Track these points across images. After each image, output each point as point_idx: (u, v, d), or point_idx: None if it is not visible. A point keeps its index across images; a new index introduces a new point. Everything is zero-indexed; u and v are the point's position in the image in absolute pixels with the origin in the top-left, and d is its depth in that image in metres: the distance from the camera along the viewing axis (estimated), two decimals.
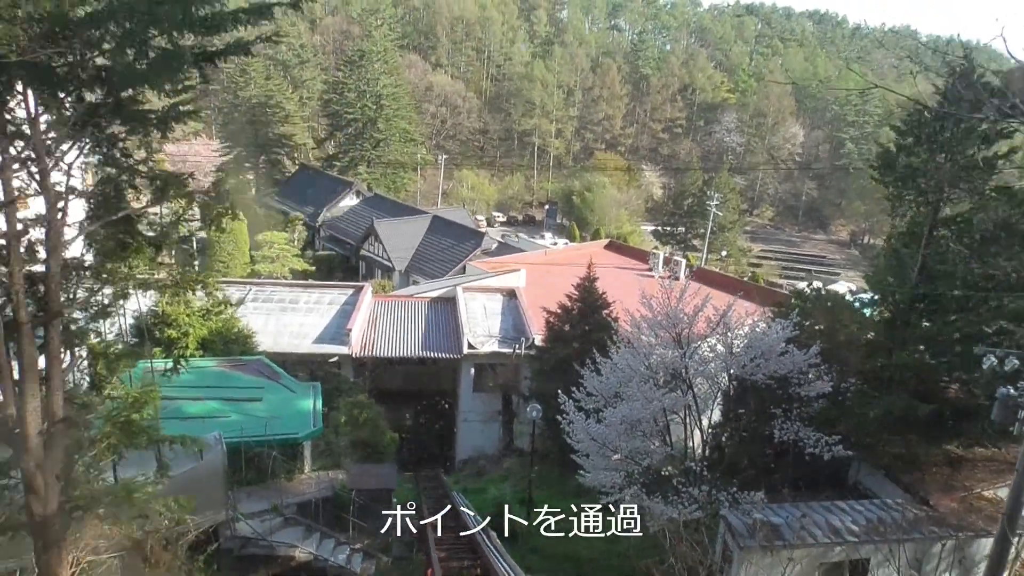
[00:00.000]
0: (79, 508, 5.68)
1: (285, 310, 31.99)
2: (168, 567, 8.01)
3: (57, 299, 5.15)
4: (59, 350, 5.32)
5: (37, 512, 5.34)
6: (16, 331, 5.00)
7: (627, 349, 18.59)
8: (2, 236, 4.93)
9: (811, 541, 15.91)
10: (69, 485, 5.54)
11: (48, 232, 5.12)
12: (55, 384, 5.30)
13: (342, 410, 22.32)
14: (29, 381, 5.11)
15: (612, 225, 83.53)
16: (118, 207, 5.83)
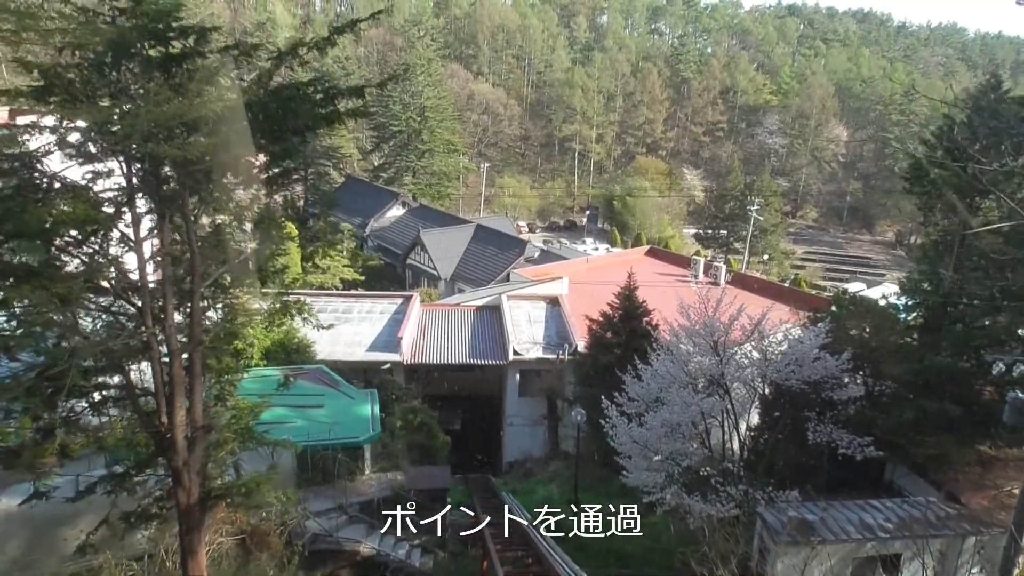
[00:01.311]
0: (215, 498, 7.05)
1: (339, 320, 33.61)
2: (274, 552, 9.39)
3: (199, 331, 6.52)
4: (201, 370, 6.70)
5: (182, 501, 6.71)
6: (169, 356, 6.39)
7: (667, 356, 19.57)
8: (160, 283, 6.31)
9: (844, 537, 16.71)
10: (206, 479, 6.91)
11: (192, 277, 6.49)
12: (197, 398, 6.66)
13: (397, 415, 23.71)
14: (178, 395, 6.47)
15: (654, 229, 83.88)
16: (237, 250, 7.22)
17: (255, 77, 6.63)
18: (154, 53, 5.73)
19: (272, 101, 5.99)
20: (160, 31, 5.76)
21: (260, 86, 6.46)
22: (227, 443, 7.55)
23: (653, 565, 17.87)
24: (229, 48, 6.05)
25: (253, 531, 9.48)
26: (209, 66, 6.11)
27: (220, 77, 6.26)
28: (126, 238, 6.25)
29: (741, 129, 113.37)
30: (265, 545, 9.55)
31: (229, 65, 6.30)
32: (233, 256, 7.32)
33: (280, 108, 6.03)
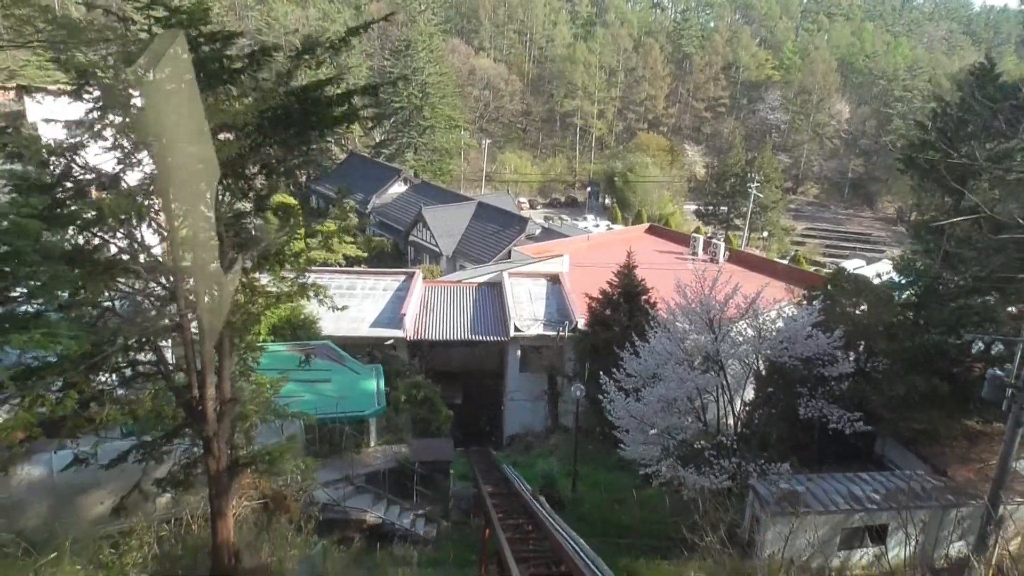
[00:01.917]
0: (241, 466, 7.64)
1: (343, 296, 34.11)
2: (292, 517, 10.06)
3: (228, 311, 7.06)
4: (229, 349, 7.24)
5: (212, 468, 7.28)
6: (200, 336, 6.93)
7: (664, 333, 20.15)
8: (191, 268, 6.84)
9: (832, 508, 17.43)
10: (234, 449, 7.49)
11: (222, 264, 7.01)
12: (225, 373, 7.21)
13: (401, 390, 24.34)
14: (208, 372, 7.02)
15: (654, 206, 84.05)
16: (259, 239, 7.73)
17: (276, 76, 7.09)
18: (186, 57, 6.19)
19: (294, 100, 6.46)
20: (192, 37, 6.22)
21: (281, 85, 6.93)
22: (250, 415, 8.14)
23: (649, 535, 18.58)
24: (255, 53, 6.51)
25: (274, 496, 10.15)
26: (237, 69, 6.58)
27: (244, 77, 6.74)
28: (160, 226, 6.77)
29: (743, 105, 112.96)
30: (284, 509, 10.22)
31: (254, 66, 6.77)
32: (254, 242, 7.84)
33: (301, 107, 6.51)
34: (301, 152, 6.93)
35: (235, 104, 5.97)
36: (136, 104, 6.54)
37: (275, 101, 5.75)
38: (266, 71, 7.05)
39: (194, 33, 6.29)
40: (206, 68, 6.47)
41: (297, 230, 8.45)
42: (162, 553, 8.23)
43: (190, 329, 6.89)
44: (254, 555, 8.45)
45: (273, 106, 5.74)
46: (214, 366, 7.07)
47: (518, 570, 9.21)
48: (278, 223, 8.46)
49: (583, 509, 20.74)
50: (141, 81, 6.48)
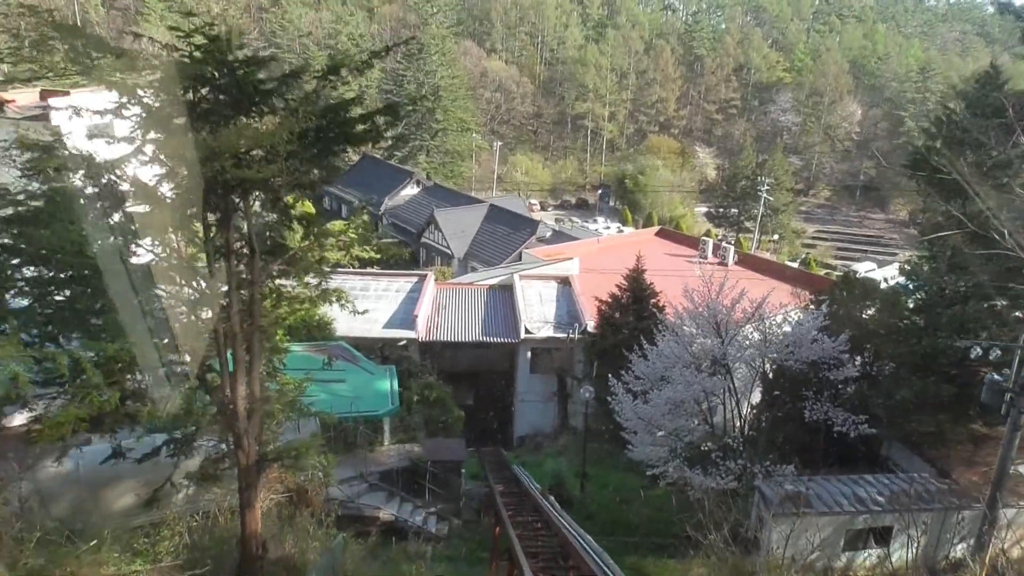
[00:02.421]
0: (269, 461, 8.11)
1: (356, 297, 34.44)
2: (314, 510, 10.57)
3: (258, 316, 7.53)
4: (258, 351, 7.72)
5: (242, 462, 7.76)
6: (232, 339, 7.42)
7: (672, 337, 20.53)
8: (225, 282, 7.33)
9: (837, 509, 17.73)
10: (261, 445, 7.96)
11: (252, 272, 7.49)
12: (254, 374, 7.68)
13: (414, 390, 24.84)
14: (239, 372, 7.50)
15: (665, 208, 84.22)
16: (285, 247, 8.22)
17: (303, 96, 7.57)
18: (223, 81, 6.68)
19: (321, 120, 6.92)
20: (228, 62, 6.70)
21: (309, 104, 7.42)
22: (276, 414, 8.63)
23: (656, 534, 18.96)
24: (285, 76, 6.99)
25: (298, 490, 10.67)
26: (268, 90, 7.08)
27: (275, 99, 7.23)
28: (196, 236, 7.25)
29: (754, 107, 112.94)
30: (307, 503, 10.73)
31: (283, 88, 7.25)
32: (280, 250, 8.33)
33: (328, 126, 6.97)
34: (324, 166, 7.40)
35: (268, 125, 6.42)
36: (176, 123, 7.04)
37: (307, 123, 6.19)
38: (295, 91, 7.51)
39: (230, 58, 6.77)
40: (241, 90, 6.95)
41: (320, 239, 8.93)
42: (192, 543, 8.73)
43: (223, 332, 7.37)
44: (278, 546, 8.94)
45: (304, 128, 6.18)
46: (245, 367, 7.55)
47: (528, 564, 9.64)
48: (302, 232, 8.95)
49: (591, 508, 21.16)
50: (181, 101, 6.97)
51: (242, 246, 7.49)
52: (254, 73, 7.01)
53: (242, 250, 7.57)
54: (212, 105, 7.04)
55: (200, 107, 7.02)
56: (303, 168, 7.09)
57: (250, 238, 7.30)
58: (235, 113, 7.19)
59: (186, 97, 6.88)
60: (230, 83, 6.88)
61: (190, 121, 7.01)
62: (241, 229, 7.34)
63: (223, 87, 6.95)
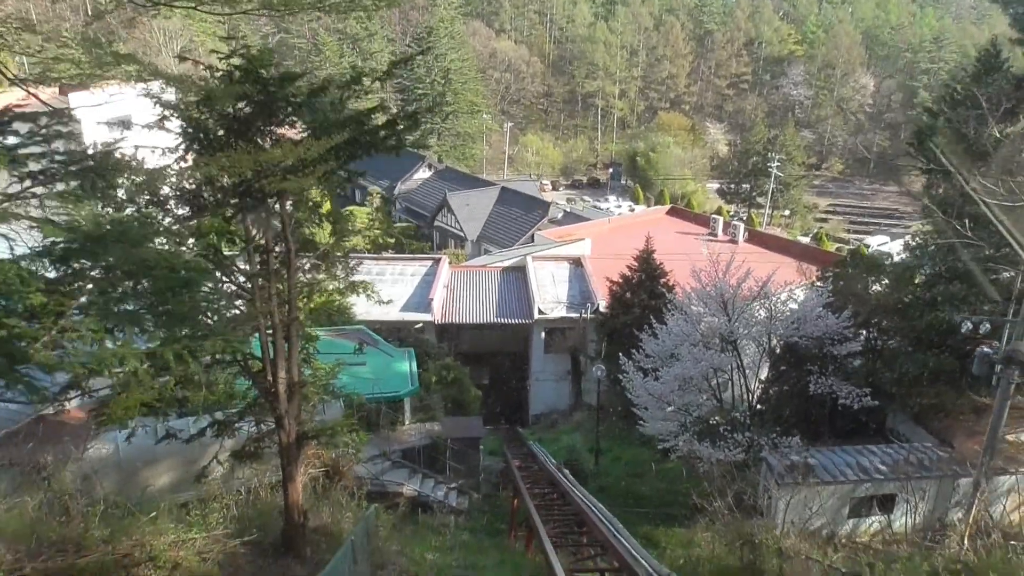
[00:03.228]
0: (307, 439, 8.93)
1: (373, 281, 35.46)
2: (346, 484, 11.45)
3: (295, 308, 8.31)
4: (296, 339, 8.51)
5: (284, 440, 8.57)
6: (272, 330, 8.21)
7: (681, 315, 21.20)
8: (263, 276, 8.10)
9: (841, 479, 18.44)
10: (300, 424, 8.77)
11: (288, 268, 8.26)
12: (293, 361, 8.46)
13: (432, 371, 25.70)
14: (280, 359, 8.28)
15: (676, 185, 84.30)
16: (316, 244, 8.98)
17: (328, 104, 8.28)
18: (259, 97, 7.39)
19: (348, 129, 7.62)
20: (263, 79, 7.41)
21: (335, 113, 8.13)
22: (312, 396, 9.44)
23: (667, 504, 19.77)
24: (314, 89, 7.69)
25: (333, 465, 11.56)
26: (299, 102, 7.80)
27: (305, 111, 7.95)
28: (239, 238, 8.01)
29: (765, 81, 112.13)
30: (341, 477, 11.61)
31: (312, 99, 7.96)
32: (312, 246, 9.09)
33: (352, 134, 7.66)
34: (349, 169, 8.13)
35: (307, 143, 7.11)
36: (217, 135, 7.78)
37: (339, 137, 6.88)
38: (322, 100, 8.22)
39: (264, 75, 7.48)
40: (275, 104, 7.67)
41: (346, 236, 9.67)
42: (238, 515, 9.59)
43: (265, 323, 8.15)
44: (316, 516, 9.79)
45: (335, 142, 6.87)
46: (284, 355, 8.34)
47: (545, 530, 10.43)
48: (330, 228, 9.70)
49: (605, 481, 22.00)
50: (221, 115, 7.72)
51: (278, 244, 8.25)
52: (286, 88, 7.71)
53: (278, 247, 8.33)
54: (249, 117, 7.76)
55: (238, 120, 7.73)
56: (331, 172, 7.81)
57: (286, 237, 8.06)
58: (270, 124, 7.92)
59: (226, 111, 7.61)
60: (265, 98, 7.59)
61: (229, 133, 7.75)
62: (277, 229, 8.09)
63: (259, 102, 7.66)
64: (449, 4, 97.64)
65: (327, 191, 9.53)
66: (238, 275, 8.44)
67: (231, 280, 8.10)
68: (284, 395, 8.35)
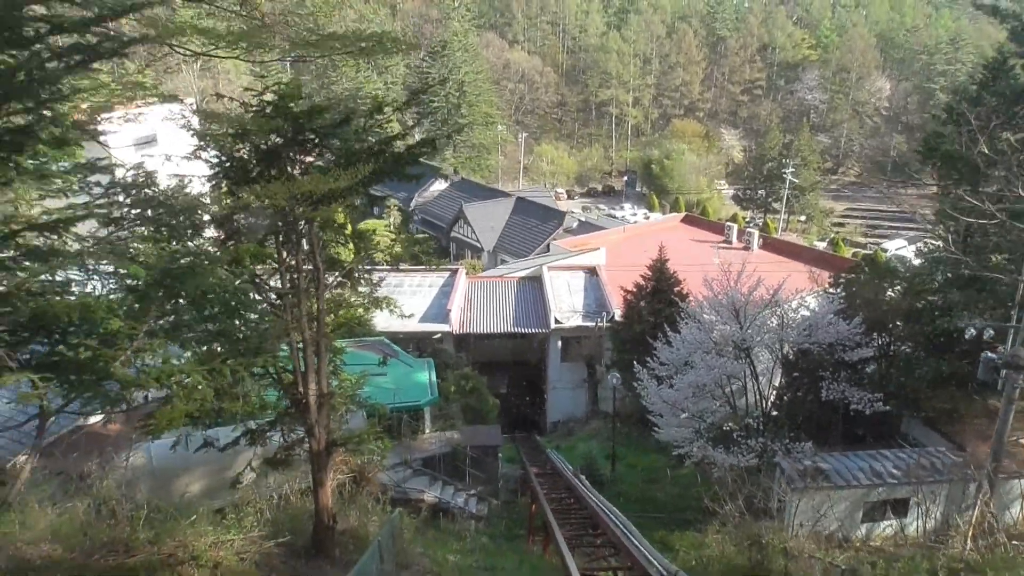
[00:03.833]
0: (336, 446, 9.50)
1: (392, 293, 36.03)
2: (372, 490, 12.03)
3: (323, 324, 8.91)
4: (325, 353, 9.10)
5: (314, 448, 9.14)
6: (303, 344, 8.80)
7: (694, 324, 21.60)
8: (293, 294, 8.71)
9: (854, 483, 18.71)
10: (330, 432, 9.35)
11: (317, 287, 8.86)
12: (323, 373, 9.05)
13: (451, 381, 26.26)
14: (310, 372, 8.87)
15: (692, 192, 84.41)
16: (342, 263, 9.58)
17: (352, 132, 8.89)
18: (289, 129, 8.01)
19: (370, 158, 8.21)
20: (292, 112, 8.04)
21: (359, 142, 8.74)
22: (339, 406, 10.01)
23: (682, 510, 20.13)
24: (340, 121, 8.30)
25: (359, 471, 12.14)
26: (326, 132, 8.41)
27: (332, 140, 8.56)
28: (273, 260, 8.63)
29: (780, 86, 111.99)
30: (367, 482, 12.19)
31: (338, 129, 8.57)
32: (338, 265, 9.70)
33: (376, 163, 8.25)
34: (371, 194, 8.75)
35: (337, 174, 7.70)
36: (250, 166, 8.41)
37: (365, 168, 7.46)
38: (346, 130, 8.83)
39: (294, 109, 8.10)
40: (303, 135, 8.29)
41: (369, 254, 10.27)
42: (271, 518, 10.17)
43: (296, 337, 8.75)
44: (344, 519, 10.34)
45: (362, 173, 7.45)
46: (314, 367, 8.93)
47: (560, 532, 10.91)
48: (354, 248, 10.30)
49: (621, 487, 22.41)
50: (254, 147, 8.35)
51: (306, 263, 8.86)
52: (313, 120, 8.33)
53: (307, 267, 8.94)
54: (279, 148, 8.39)
55: (270, 150, 8.36)
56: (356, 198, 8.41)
57: (315, 257, 8.66)
58: (298, 153, 8.55)
59: (258, 143, 8.24)
60: (294, 130, 8.22)
61: (261, 162, 8.38)
62: (306, 250, 8.70)
63: (288, 134, 8.29)
64: (463, 17, 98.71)
65: (351, 213, 10.12)
66: (270, 293, 9.04)
67: (264, 299, 8.70)
68: (314, 405, 8.93)
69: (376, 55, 8.85)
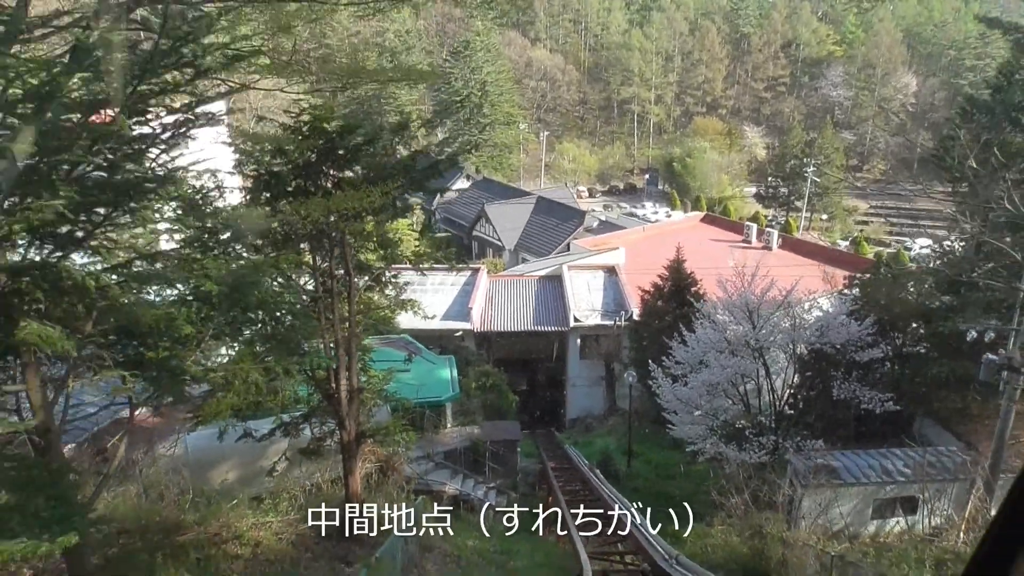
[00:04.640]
0: (365, 437, 10.31)
1: (415, 290, 37.02)
2: (397, 480, 12.86)
3: (355, 328, 9.72)
4: (355, 351, 9.90)
5: (345, 439, 9.95)
6: (335, 343, 9.61)
7: (709, 323, 22.14)
8: (327, 298, 9.52)
9: (864, 480, 19.17)
10: (359, 425, 10.15)
11: (349, 291, 9.65)
12: (353, 370, 9.81)
13: (472, 378, 27.06)
14: (342, 368, 9.68)
15: (713, 190, 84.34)
16: (371, 268, 10.38)
17: (380, 149, 9.66)
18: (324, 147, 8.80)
19: (398, 174, 8.98)
20: (327, 131, 8.82)
21: (387, 157, 9.51)
22: (367, 401, 10.82)
23: (696, 504, 20.67)
24: (371, 139, 9.08)
25: (386, 461, 12.97)
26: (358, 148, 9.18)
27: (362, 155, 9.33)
28: (307, 267, 9.43)
29: (804, 83, 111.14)
30: (393, 472, 13.01)
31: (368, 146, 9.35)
32: (366, 270, 10.49)
33: (403, 176, 9.02)
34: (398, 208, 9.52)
35: (368, 191, 8.47)
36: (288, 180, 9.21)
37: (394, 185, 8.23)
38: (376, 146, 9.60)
39: (329, 129, 8.88)
40: (337, 152, 9.07)
41: (395, 261, 11.06)
42: (305, 503, 11.01)
43: (329, 337, 9.56)
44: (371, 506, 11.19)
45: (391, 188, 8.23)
46: (345, 364, 9.73)
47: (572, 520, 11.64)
48: (381, 253, 11.09)
49: (637, 483, 23.03)
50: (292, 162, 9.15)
51: (338, 268, 9.66)
52: (346, 138, 9.11)
53: (338, 272, 9.74)
54: (314, 164, 9.18)
55: (306, 166, 9.16)
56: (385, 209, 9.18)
57: (346, 263, 9.46)
58: (333, 169, 9.34)
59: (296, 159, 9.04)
60: (328, 147, 9.01)
61: (298, 177, 9.19)
62: (337, 256, 9.50)
63: (323, 150, 9.08)
64: (485, 16, 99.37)
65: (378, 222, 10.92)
66: (304, 296, 9.86)
67: (299, 301, 9.52)
68: (345, 400, 9.73)
69: (402, 82, 9.57)
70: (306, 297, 9.93)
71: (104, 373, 5.04)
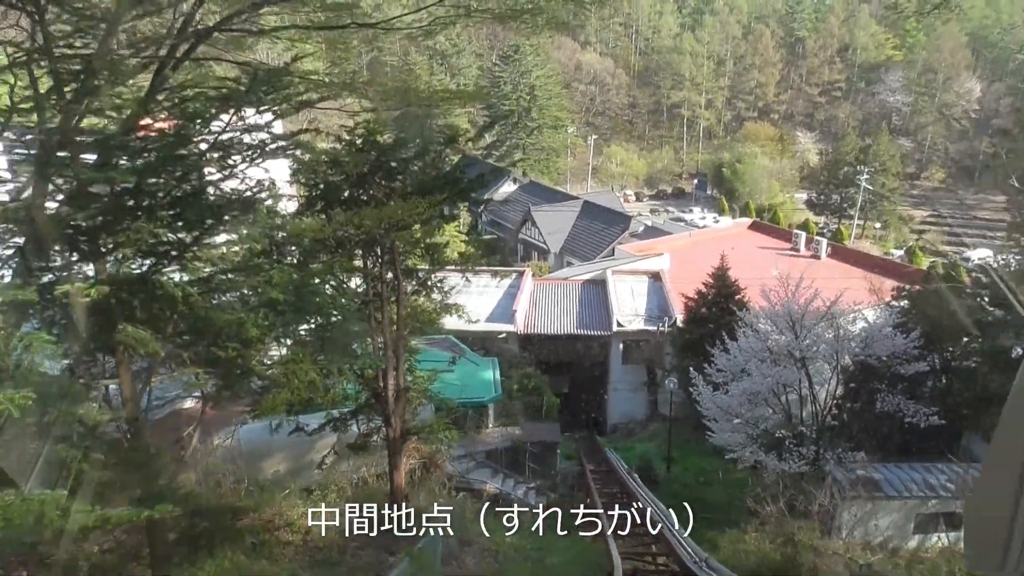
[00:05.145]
0: (410, 434, 10.87)
1: (459, 293, 37.58)
2: (439, 477, 13.45)
3: (404, 329, 10.29)
4: (403, 352, 10.47)
5: (391, 436, 10.51)
6: (384, 343, 10.19)
7: (751, 332, 22.16)
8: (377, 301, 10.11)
9: (906, 494, 18.99)
10: (405, 422, 10.71)
11: (397, 295, 10.22)
12: (400, 369, 10.41)
13: (514, 379, 27.52)
14: (391, 370, 10.27)
15: (763, 196, 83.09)
16: (417, 272, 10.96)
17: (430, 161, 10.20)
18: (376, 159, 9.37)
19: (446, 185, 9.50)
20: (378, 145, 9.39)
21: (435, 169, 10.04)
22: (413, 400, 11.39)
23: (733, 511, 20.76)
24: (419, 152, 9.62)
25: (429, 458, 13.56)
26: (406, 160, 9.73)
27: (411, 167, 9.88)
28: (360, 271, 10.03)
29: (860, 88, 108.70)
30: (435, 468, 13.59)
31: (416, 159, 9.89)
32: (413, 275, 11.06)
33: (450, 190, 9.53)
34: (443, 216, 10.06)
35: (417, 202, 8.99)
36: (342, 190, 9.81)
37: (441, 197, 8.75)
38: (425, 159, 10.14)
39: (380, 141, 9.45)
40: (388, 164, 9.63)
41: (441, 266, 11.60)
42: (352, 496, 11.63)
43: (377, 338, 10.14)
44: (414, 500, 11.72)
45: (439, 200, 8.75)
46: (392, 364, 10.30)
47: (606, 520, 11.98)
48: (428, 258, 11.65)
49: (675, 488, 23.17)
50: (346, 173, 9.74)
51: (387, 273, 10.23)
52: (397, 151, 9.67)
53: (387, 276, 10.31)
54: (366, 175, 9.76)
55: (359, 177, 9.74)
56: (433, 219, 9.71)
57: (395, 268, 10.02)
58: (384, 180, 9.91)
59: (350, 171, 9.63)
60: (380, 159, 9.58)
61: (351, 187, 9.78)
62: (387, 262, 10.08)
63: (375, 162, 9.65)
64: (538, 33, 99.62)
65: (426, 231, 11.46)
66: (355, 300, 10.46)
67: (351, 305, 10.12)
68: (392, 398, 10.29)
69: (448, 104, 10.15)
70: (357, 300, 10.52)
71: (182, 370, 5.66)
